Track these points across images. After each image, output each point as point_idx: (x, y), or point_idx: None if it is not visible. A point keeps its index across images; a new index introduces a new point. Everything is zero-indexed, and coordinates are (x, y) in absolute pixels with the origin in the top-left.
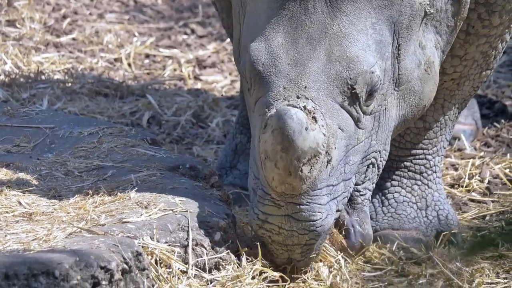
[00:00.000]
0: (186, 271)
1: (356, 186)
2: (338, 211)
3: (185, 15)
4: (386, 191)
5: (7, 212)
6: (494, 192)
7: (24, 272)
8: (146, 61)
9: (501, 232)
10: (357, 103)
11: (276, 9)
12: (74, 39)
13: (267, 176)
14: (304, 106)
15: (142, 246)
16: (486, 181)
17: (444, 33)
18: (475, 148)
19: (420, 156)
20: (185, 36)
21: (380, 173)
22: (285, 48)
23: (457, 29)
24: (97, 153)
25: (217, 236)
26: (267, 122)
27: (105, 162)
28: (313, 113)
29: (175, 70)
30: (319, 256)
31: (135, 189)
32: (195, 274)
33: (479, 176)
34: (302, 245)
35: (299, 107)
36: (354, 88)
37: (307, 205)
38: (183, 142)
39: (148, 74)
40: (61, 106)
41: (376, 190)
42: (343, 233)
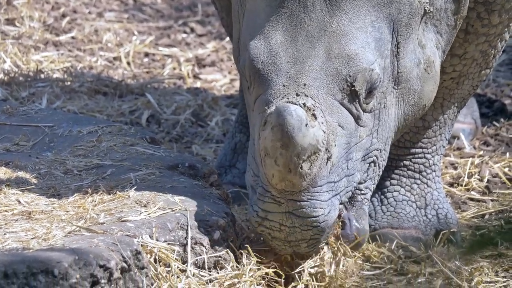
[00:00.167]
0: (185, 269)
1: (358, 184)
2: (342, 204)
3: (184, 14)
4: (386, 190)
5: (6, 211)
6: (493, 191)
7: (23, 271)
8: (146, 59)
9: (500, 231)
10: (356, 100)
11: (275, 7)
12: (73, 37)
13: (267, 173)
14: (303, 103)
15: (141, 244)
16: (485, 180)
17: (445, 32)
18: (474, 147)
19: (420, 155)
20: (184, 35)
21: (381, 173)
22: (285, 46)
23: (457, 28)
24: (96, 151)
25: (216, 234)
26: (266, 119)
27: (104, 161)
28: (312, 110)
29: (174, 69)
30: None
31: (134, 187)
32: (194, 272)
33: (478, 175)
34: (307, 240)
35: (298, 104)
36: (353, 86)
37: (307, 201)
38: (182, 141)
39: (147, 72)
40: (60, 105)
41: (376, 189)
42: (339, 224)
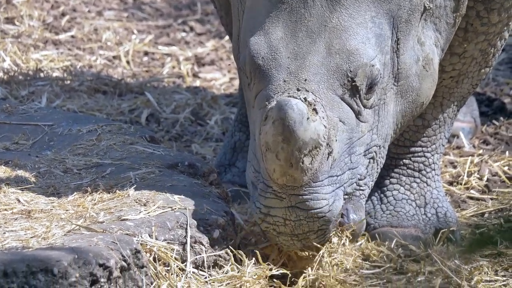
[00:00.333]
0: (184, 268)
1: (358, 180)
2: (347, 194)
3: (183, 13)
4: (385, 188)
5: (5, 210)
6: (493, 189)
7: (23, 270)
8: (145, 58)
9: (499, 230)
10: (357, 96)
11: (275, 3)
12: (72, 36)
13: (268, 169)
14: (304, 98)
15: (141, 243)
16: (485, 178)
17: (444, 30)
18: (474, 146)
19: (419, 154)
20: (183, 34)
21: (379, 171)
22: (285, 42)
23: (456, 27)
24: (96, 150)
25: (216, 233)
26: (267, 114)
27: (104, 160)
28: (313, 105)
29: (173, 67)
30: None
31: (134, 186)
32: (193, 271)
33: (478, 174)
34: (315, 231)
35: (299, 99)
36: (354, 81)
37: (309, 195)
38: (182, 140)
39: (146, 71)
40: (60, 104)
41: (375, 188)
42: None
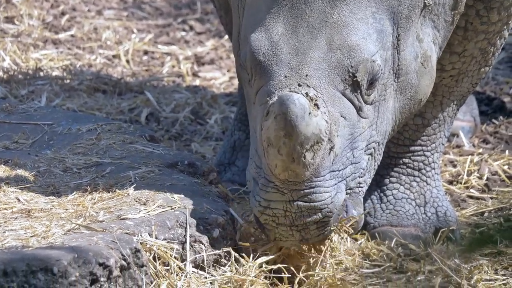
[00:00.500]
0: (184, 267)
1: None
2: (350, 189)
3: (183, 12)
4: (385, 187)
5: (5, 209)
6: (492, 188)
7: (23, 269)
8: (145, 57)
9: (499, 229)
10: (358, 91)
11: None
12: (72, 35)
13: (270, 164)
14: (306, 93)
15: (141, 242)
16: (485, 177)
17: (442, 28)
18: (473, 145)
19: (419, 153)
20: (183, 33)
21: (377, 168)
22: (286, 38)
23: (454, 25)
24: (96, 149)
25: (216, 232)
26: (269, 109)
27: (103, 159)
28: (315, 100)
29: (173, 66)
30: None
31: (133, 185)
32: (193, 270)
33: (477, 173)
34: (316, 223)
35: (301, 94)
36: (355, 76)
37: (311, 189)
38: (181, 139)
39: (146, 70)
40: (60, 103)
41: (375, 187)
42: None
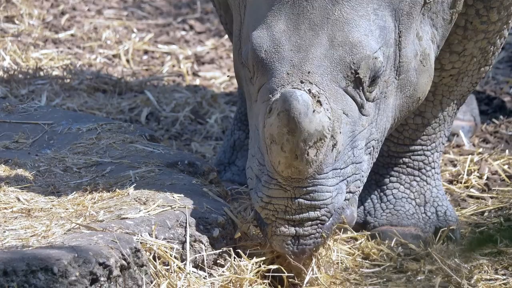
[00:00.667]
0: (184, 267)
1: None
2: (351, 193)
3: (183, 11)
4: (385, 187)
5: (5, 208)
6: (492, 188)
7: (23, 268)
8: (145, 57)
9: (499, 228)
10: (360, 88)
11: None
12: (72, 35)
13: (273, 161)
14: (308, 90)
15: (141, 242)
16: (485, 177)
17: (440, 26)
18: (473, 144)
19: (419, 152)
20: (183, 32)
21: (372, 166)
22: (288, 35)
23: (452, 23)
24: (96, 149)
25: (216, 232)
26: (272, 106)
27: (103, 158)
28: (317, 97)
29: (173, 66)
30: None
31: (133, 185)
32: (193, 270)
33: (477, 172)
34: (313, 220)
35: (304, 90)
36: (357, 73)
37: (313, 187)
38: (181, 138)
39: (146, 70)
40: (60, 102)
41: (375, 186)
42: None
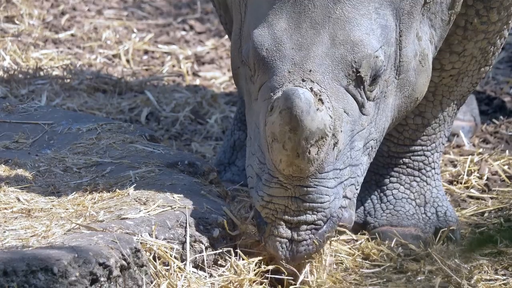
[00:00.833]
0: (184, 267)
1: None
2: (347, 198)
3: (183, 11)
4: (385, 187)
5: (5, 209)
6: (492, 188)
7: (23, 269)
8: (145, 57)
9: (499, 229)
10: (361, 87)
11: None
12: (72, 35)
13: (274, 159)
14: (310, 88)
15: (141, 242)
16: (485, 177)
17: (438, 27)
18: (473, 145)
19: (419, 153)
20: (183, 32)
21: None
22: (289, 33)
23: (450, 24)
24: (96, 149)
25: (216, 232)
26: (273, 105)
27: (103, 159)
28: (319, 95)
29: (173, 66)
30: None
31: (133, 185)
32: (193, 270)
33: (477, 173)
34: (309, 224)
35: (306, 88)
36: (358, 72)
37: (314, 187)
38: (181, 139)
39: (146, 70)
40: (60, 102)
41: (375, 187)
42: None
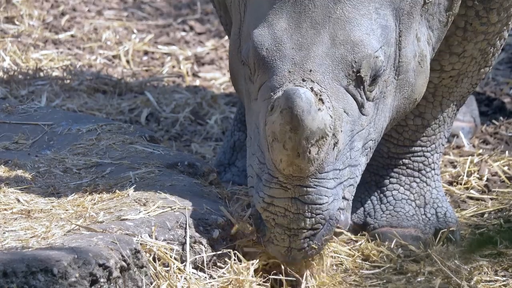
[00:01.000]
0: (184, 268)
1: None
2: (345, 199)
3: (183, 12)
4: (385, 188)
5: (5, 209)
6: (492, 189)
7: (23, 270)
8: (145, 58)
9: (499, 230)
10: (361, 87)
11: None
12: (72, 36)
13: (274, 159)
14: (311, 88)
15: (141, 243)
16: (485, 178)
17: (436, 28)
18: (473, 146)
19: (419, 154)
20: (183, 33)
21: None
22: (289, 33)
23: (448, 26)
24: (96, 150)
25: (215, 233)
26: (274, 104)
27: (103, 159)
28: (319, 95)
29: (173, 67)
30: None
31: (133, 186)
32: (193, 271)
33: (477, 174)
34: (307, 230)
35: (306, 88)
36: (358, 72)
37: (314, 187)
38: (181, 139)
39: (146, 71)
40: (60, 103)
41: (375, 188)
42: None
